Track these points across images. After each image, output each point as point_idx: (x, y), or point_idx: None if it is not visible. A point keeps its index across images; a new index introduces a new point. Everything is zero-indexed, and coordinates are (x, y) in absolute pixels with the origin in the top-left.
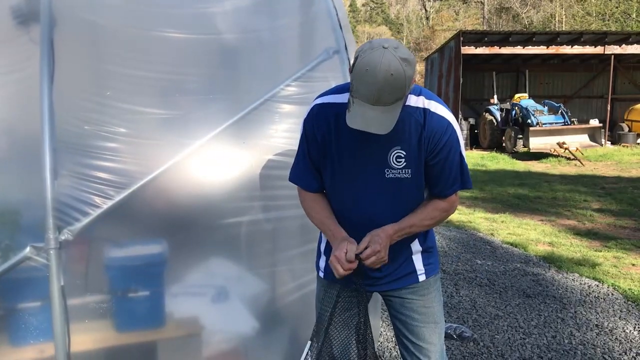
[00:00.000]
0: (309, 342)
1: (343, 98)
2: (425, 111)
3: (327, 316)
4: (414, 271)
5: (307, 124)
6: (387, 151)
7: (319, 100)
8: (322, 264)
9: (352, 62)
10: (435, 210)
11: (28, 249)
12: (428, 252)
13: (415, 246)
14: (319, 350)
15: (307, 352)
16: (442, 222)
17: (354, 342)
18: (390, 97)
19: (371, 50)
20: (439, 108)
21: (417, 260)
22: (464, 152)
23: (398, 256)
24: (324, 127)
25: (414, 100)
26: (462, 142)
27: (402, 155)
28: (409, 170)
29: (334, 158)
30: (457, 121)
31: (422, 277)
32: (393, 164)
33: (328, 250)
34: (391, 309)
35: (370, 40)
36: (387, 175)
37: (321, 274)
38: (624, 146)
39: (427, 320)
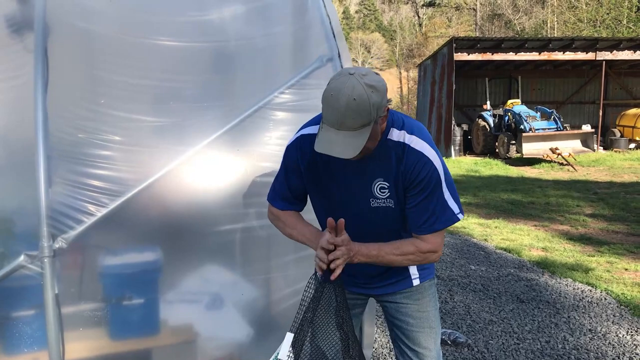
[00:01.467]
0: (289, 334)
1: None
2: (404, 146)
3: (309, 310)
4: (408, 276)
5: (290, 153)
6: (371, 182)
7: (304, 131)
8: None
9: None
10: (410, 245)
11: (22, 257)
12: None
13: None
14: (301, 345)
15: (288, 345)
16: (421, 263)
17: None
18: (354, 122)
19: (338, 76)
20: (419, 143)
21: (412, 266)
22: (447, 190)
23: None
24: (309, 156)
25: (395, 135)
26: (444, 178)
27: (386, 187)
28: (392, 201)
29: (321, 185)
30: (450, 128)
31: (416, 282)
32: (377, 194)
33: None
34: (387, 314)
35: (342, 68)
36: (372, 204)
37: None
38: (616, 151)
39: (423, 325)
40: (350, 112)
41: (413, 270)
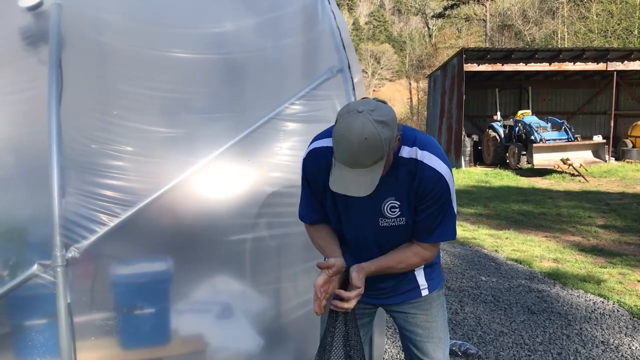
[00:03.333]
0: None
1: None
2: (417, 162)
3: (329, 336)
4: (416, 286)
5: (306, 167)
6: (381, 202)
7: (316, 144)
8: None
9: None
10: (415, 256)
11: (35, 266)
12: (431, 268)
13: None
14: None
15: None
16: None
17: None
18: (367, 160)
19: (347, 114)
20: (431, 159)
21: (420, 276)
22: (454, 204)
23: (401, 272)
24: (324, 170)
25: (406, 152)
26: (452, 193)
27: (397, 206)
28: (403, 219)
29: (335, 199)
30: (460, 138)
31: (424, 292)
32: (387, 214)
33: None
34: (397, 324)
35: (348, 104)
36: (381, 224)
37: None
38: (627, 162)
39: (431, 335)
40: (363, 151)
41: (421, 281)
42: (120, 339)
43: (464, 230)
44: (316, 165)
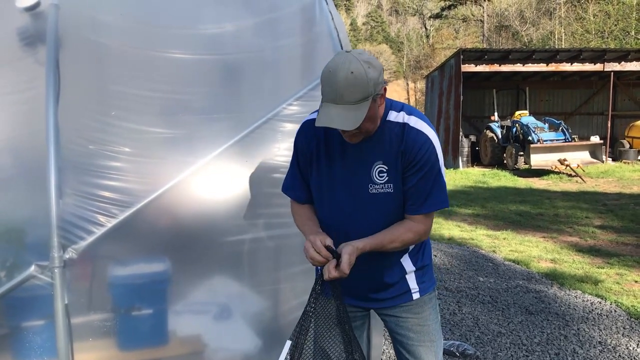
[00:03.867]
0: (288, 341)
1: None
2: (404, 125)
3: (309, 317)
4: (408, 290)
5: (298, 138)
6: (371, 166)
7: (309, 117)
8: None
9: None
10: (409, 232)
11: (33, 267)
12: (422, 270)
13: (409, 266)
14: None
15: (287, 352)
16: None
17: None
18: (352, 96)
19: (336, 56)
20: (418, 123)
21: (411, 279)
22: (443, 170)
23: (391, 276)
24: (313, 141)
25: (394, 116)
26: (441, 160)
27: (384, 170)
28: (391, 185)
29: (322, 171)
30: (458, 139)
31: (416, 295)
32: (376, 179)
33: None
34: (388, 328)
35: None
36: (371, 190)
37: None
38: (624, 163)
39: (423, 338)
40: (348, 86)
41: (413, 285)
42: (118, 340)
43: (461, 231)
44: (306, 135)
